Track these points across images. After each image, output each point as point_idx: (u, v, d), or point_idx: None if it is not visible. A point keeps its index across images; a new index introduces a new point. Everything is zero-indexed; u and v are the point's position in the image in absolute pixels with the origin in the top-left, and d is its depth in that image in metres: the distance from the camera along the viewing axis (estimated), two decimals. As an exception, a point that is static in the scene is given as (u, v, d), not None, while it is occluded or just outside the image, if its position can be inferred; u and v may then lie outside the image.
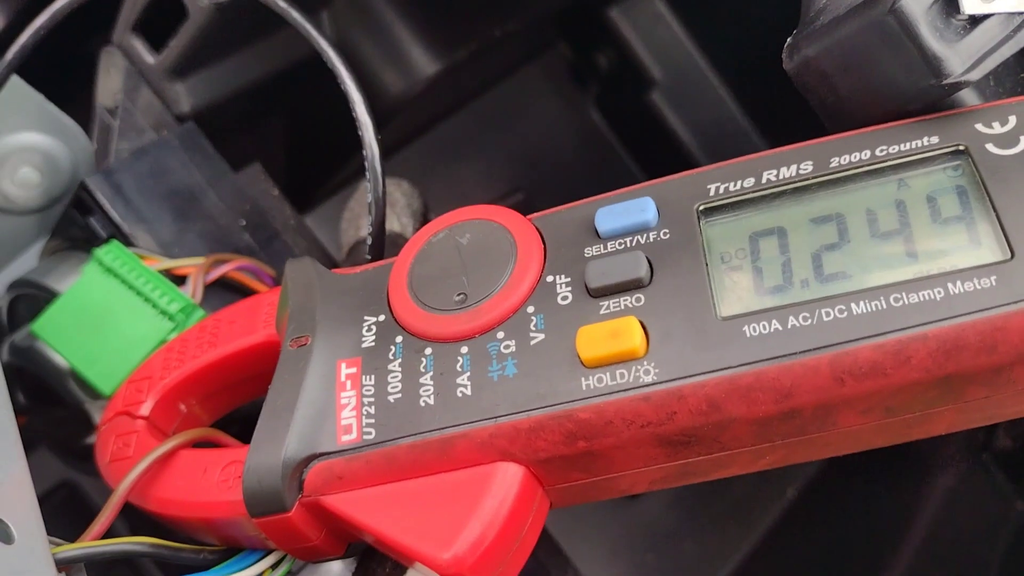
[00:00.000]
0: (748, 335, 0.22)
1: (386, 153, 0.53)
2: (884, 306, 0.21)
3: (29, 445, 0.47)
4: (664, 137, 0.58)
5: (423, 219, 0.43)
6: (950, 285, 0.21)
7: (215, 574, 0.26)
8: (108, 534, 0.26)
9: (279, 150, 0.45)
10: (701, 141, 0.58)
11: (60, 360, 0.36)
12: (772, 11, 0.49)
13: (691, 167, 0.25)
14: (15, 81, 0.35)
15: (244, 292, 0.36)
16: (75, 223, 0.37)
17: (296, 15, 0.31)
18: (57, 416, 0.37)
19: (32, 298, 0.37)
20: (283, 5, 0.32)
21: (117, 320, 0.33)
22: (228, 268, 0.36)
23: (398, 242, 0.41)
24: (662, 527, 0.56)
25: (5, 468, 0.22)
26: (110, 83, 0.40)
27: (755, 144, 0.56)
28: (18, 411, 0.41)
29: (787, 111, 0.52)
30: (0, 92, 0.34)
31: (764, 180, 0.24)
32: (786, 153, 0.25)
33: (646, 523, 0.56)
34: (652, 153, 0.59)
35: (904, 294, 0.21)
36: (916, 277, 0.21)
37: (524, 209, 0.27)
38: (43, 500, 0.40)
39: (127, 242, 0.36)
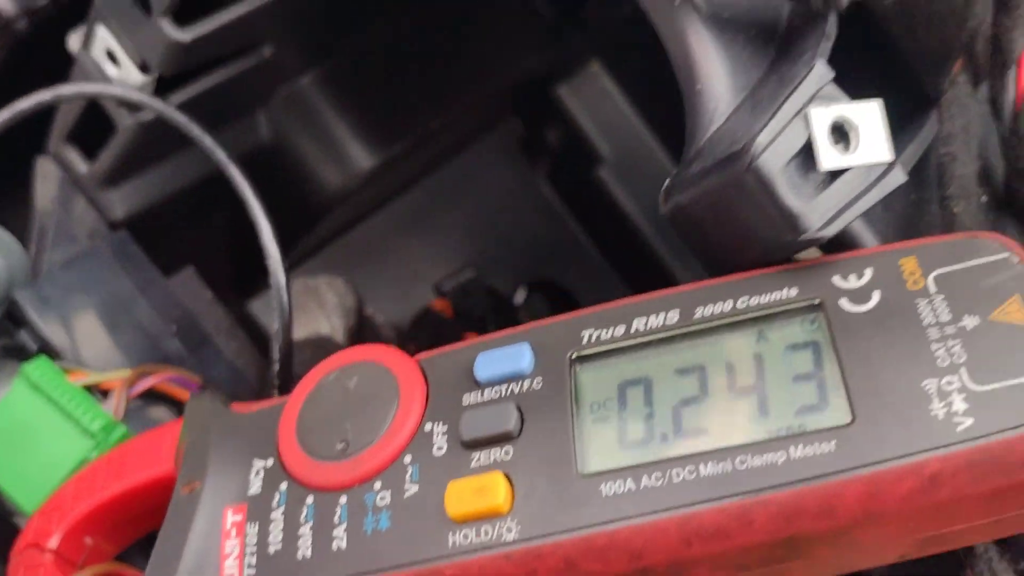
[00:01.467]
0: (604, 494, 0.23)
1: (328, 238, 0.54)
2: (730, 469, 0.22)
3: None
4: (613, 212, 0.58)
5: (358, 315, 0.44)
6: (792, 449, 0.22)
7: None
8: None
9: (218, 246, 0.46)
10: (650, 215, 0.58)
11: (-9, 473, 0.37)
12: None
13: (639, 241, 0.26)
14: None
15: (172, 402, 0.37)
16: (8, 334, 0.38)
17: (206, 140, 0.32)
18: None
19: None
20: (196, 130, 0.33)
21: (41, 437, 0.34)
22: (153, 381, 0.36)
23: (326, 346, 0.41)
24: None
25: None
26: (46, 191, 0.41)
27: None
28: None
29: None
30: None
31: (634, 329, 0.25)
32: (655, 301, 0.25)
33: None
34: (602, 227, 0.60)
35: (750, 456, 0.22)
36: (764, 439, 0.22)
37: (475, 285, 0.27)
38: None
39: (55, 355, 0.37)
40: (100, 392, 0.36)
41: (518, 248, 0.60)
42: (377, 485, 0.25)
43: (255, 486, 0.26)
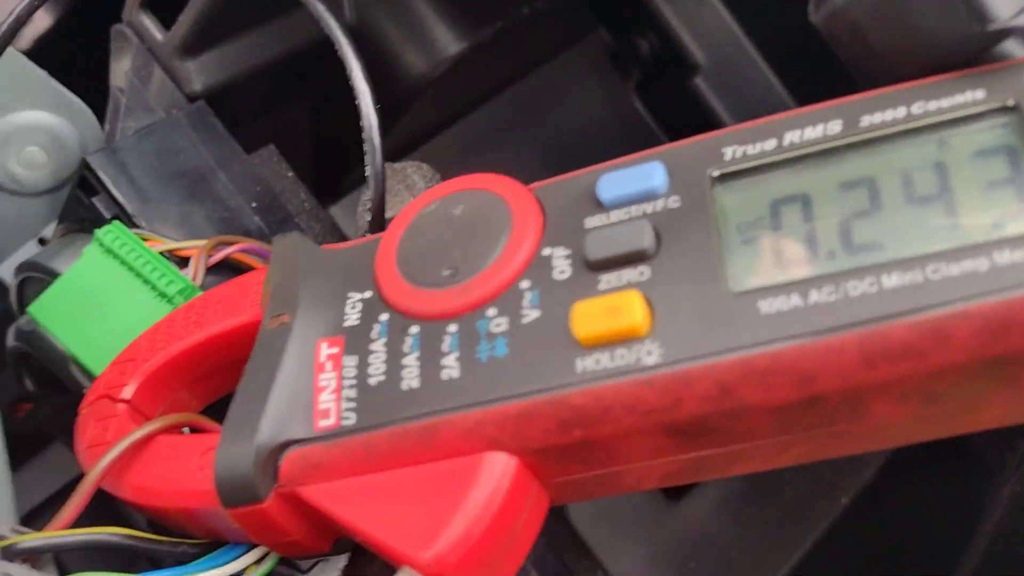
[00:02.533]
0: (764, 311, 0.19)
1: (413, 142, 0.51)
2: (921, 279, 0.18)
3: (45, 438, 0.46)
4: (709, 124, 0.55)
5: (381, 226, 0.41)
6: (997, 255, 0.18)
7: (193, 569, 0.25)
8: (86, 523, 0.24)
9: (302, 137, 0.44)
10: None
11: (61, 344, 0.35)
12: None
13: None
14: (19, 59, 0.35)
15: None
16: (81, 204, 0.36)
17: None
18: (63, 403, 0.36)
19: (40, 281, 0.36)
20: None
21: (115, 303, 0.32)
22: (232, 250, 0.34)
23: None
24: (706, 533, 0.53)
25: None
26: (121, 62, 0.39)
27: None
28: (25, 398, 0.40)
29: (837, 95, 0.49)
30: (2, 69, 0.33)
31: (787, 142, 0.22)
32: (811, 113, 0.22)
33: (689, 528, 0.53)
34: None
35: (944, 265, 0.18)
36: (958, 246, 0.19)
37: None
38: (59, 494, 0.39)
39: (131, 223, 0.35)
40: (176, 261, 0.34)
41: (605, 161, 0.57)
42: (491, 312, 0.22)
43: (351, 318, 0.23)
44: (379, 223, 0.28)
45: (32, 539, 0.22)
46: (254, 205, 0.37)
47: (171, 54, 0.38)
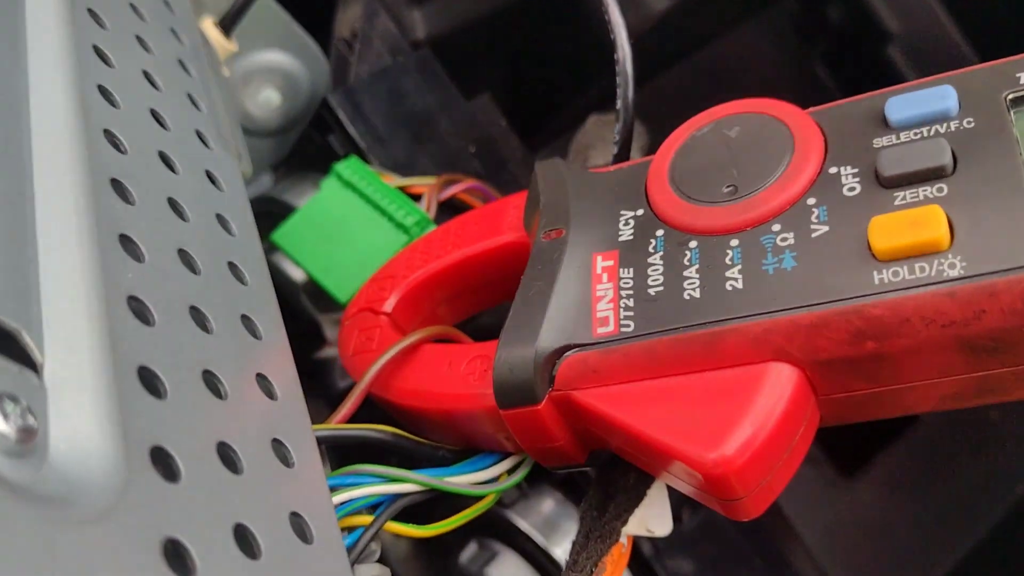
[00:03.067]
0: (1077, 226, 0.19)
1: (603, 100, 0.52)
2: None
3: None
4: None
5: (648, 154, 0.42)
6: None
7: (451, 471, 0.26)
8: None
9: (506, 84, 0.45)
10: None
11: (294, 273, 0.37)
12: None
13: None
14: (269, 1, 0.37)
15: (472, 214, 0.36)
16: (312, 142, 0.38)
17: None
18: (289, 331, 0.38)
19: (268, 215, 0.39)
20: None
21: (354, 232, 0.34)
22: (460, 188, 0.35)
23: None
24: (878, 514, 0.52)
25: (269, 331, 0.22)
26: (348, 13, 0.41)
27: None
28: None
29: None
30: (250, 10, 0.35)
31: (1089, 66, 0.21)
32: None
33: (861, 509, 0.52)
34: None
35: None
36: None
37: None
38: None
39: (364, 159, 0.36)
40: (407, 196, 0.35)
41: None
42: (776, 227, 0.22)
43: (625, 234, 0.24)
44: (625, 151, 0.29)
45: (318, 429, 0.24)
46: (472, 150, 0.38)
47: (400, 3, 0.39)
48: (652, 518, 0.24)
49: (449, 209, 0.36)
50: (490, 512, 0.28)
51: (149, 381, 0.17)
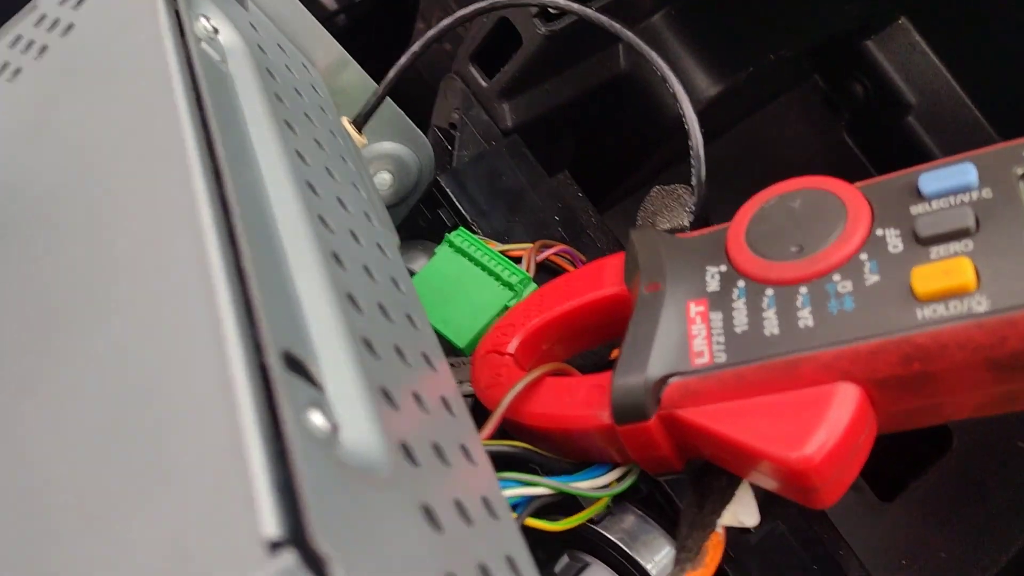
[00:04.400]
0: (1074, 270, 0.25)
1: (660, 168, 0.58)
2: None
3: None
4: (920, 158, 0.59)
5: (704, 221, 0.48)
6: None
7: (574, 479, 0.32)
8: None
9: (579, 160, 0.52)
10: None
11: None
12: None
13: None
14: (388, 101, 0.44)
15: (560, 272, 0.42)
16: (422, 215, 0.45)
17: (628, 32, 0.37)
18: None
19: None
20: (618, 25, 0.38)
21: (466, 289, 0.40)
22: (552, 252, 0.42)
23: (692, 236, 0.45)
24: (915, 534, 0.57)
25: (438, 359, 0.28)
26: (446, 105, 0.48)
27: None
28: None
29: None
30: (379, 107, 0.42)
31: (1080, 146, 0.27)
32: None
33: (899, 529, 0.57)
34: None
35: None
36: None
37: None
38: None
39: (469, 229, 0.43)
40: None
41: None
42: (836, 277, 0.28)
43: (712, 285, 0.30)
44: (703, 220, 0.35)
45: (472, 445, 0.30)
46: (557, 219, 0.45)
47: (492, 97, 0.46)
48: (742, 512, 0.30)
49: (543, 270, 0.42)
50: (580, 528, 0.34)
51: (389, 397, 0.23)
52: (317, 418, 0.20)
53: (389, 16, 0.79)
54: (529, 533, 0.30)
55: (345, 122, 0.40)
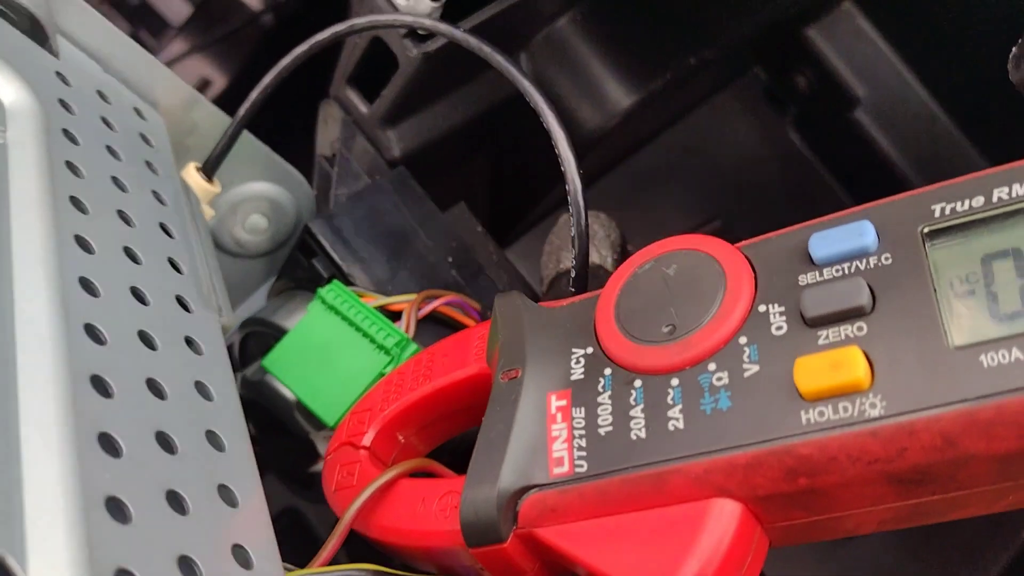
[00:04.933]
0: (986, 365, 0.20)
1: (565, 197, 0.54)
2: None
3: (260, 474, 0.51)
4: (870, 156, 0.55)
5: (621, 250, 0.43)
6: None
7: (435, 601, 0.27)
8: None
9: (481, 188, 0.47)
10: (912, 159, 0.55)
11: (288, 393, 0.38)
12: (985, 22, 0.46)
13: (901, 186, 0.24)
14: (245, 136, 0.39)
15: (453, 326, 0.37)
16: (299, 265, 0.40)
17: (499, 57, 0.33)
18: (284, 446, 0.40)
19: (261, 335, 0.41)
20: (487, 49, 0.33)
21: (339, 355, 0.36)
22: (438, 304, 0.37)
23: (598, 274, 0.41)
24: (883, 569, 0.53)
25: (246, 497, 0.24)
26: (328, 133, 0.43)
27: (974, 160, 0.53)
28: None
29: (1008, 123, 0.49)
30: (232, 147, 0.37)
31: (995, 199, 0.23)
32: (1020, 169, 0.23)
33: (865, 564, 0.53)
34: (858, 173, 0.57)
35: None
36: None
37: (723, 236, 0.26)
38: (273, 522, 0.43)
39: (346, 281, 0.38)
40: (387, 315, 0.37)
41: (765, 198, 0.58)
42: (712, 366, 0.24)
43: (577, 372, 0.26)
44: (583, 279, 0.31)
45: (304, 575, 0.25)
46: (450, 260, 0.40)
47: (374, 125, 0.41)
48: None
49: (433, 322, 0.38)
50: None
51: (128, 580, 0.19)
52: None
53: (318, 16, 0.74)
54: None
55: (191, 170, 0.36)
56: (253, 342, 0.42)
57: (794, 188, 0.58)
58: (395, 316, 0.37)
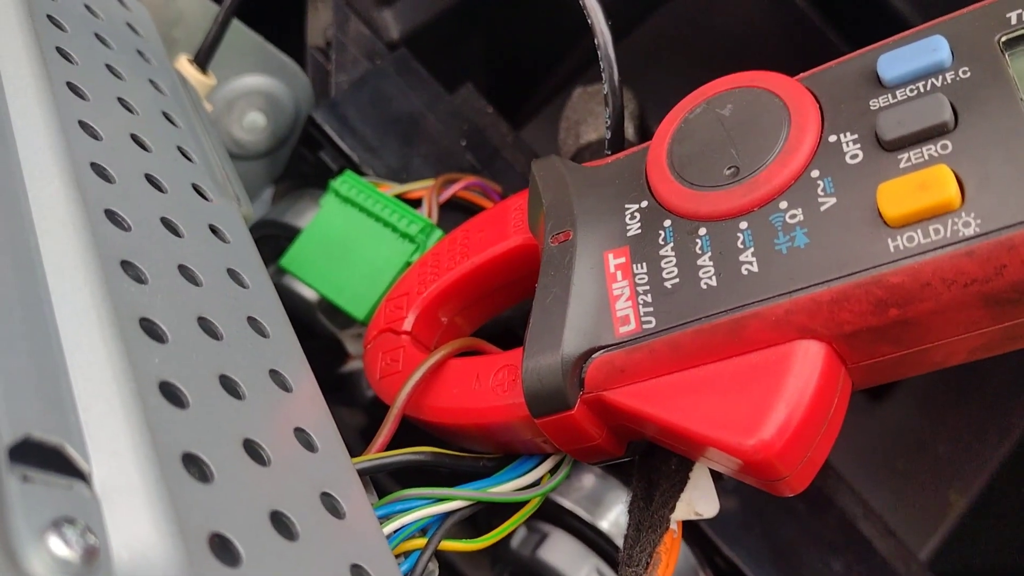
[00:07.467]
0: (1089, 170, 0.19)
1: (583, 66, 0.51)
2: None
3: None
4: (881, 13, 0.53)
5: (640, 121, 0.41)
6: None
7: (495, 481, 0.26)
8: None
9: (485, 68, 0.45)
10: (921, 6, 0.52)
11: (307, 293, 0.37)
12: None
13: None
14: (236, 25, 0.36)
15: (474, 210, 0.36)
16: (305, 160, 0.38)
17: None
18: (308, 348, 0.39)
19: (272, 238, 0.39)
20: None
21: (360, 247, 0.34)
22: (458, 187, 0.35)
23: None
24: (911, 432, 0.53)
25: (299, 382, 0.22)
26: (318, 20, 0.40)
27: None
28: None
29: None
30: (223, 37, 0.34)
31: (1079, -4, 0.21)
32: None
33: (893, 428, 0.52)
34: (866, 28, 0.54)
35: None
36: None
37: None
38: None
39: (358, 171, 0.36)
40: (406, 203, 0.35)
41: (772, 64, 0.56)
42: (783, 204, 0.22)
43: (633, 228, 0.24)
44: (619, 140, 0.29)
45: (362, 462, 0.24)
46: (464, 143, 0.38)
47: (369, 5, 0.39)
48: (698, 500, 0.24)
49: (452, 208, 0.36)
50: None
51: (194, 466, 0.17)
52: (59, 546, 0.14)
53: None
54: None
55: (184, 62, 0.33)
56: (264, 247, 0.39)
57: (801, 49, 0.56)
58: (414, 204, 0.35)
